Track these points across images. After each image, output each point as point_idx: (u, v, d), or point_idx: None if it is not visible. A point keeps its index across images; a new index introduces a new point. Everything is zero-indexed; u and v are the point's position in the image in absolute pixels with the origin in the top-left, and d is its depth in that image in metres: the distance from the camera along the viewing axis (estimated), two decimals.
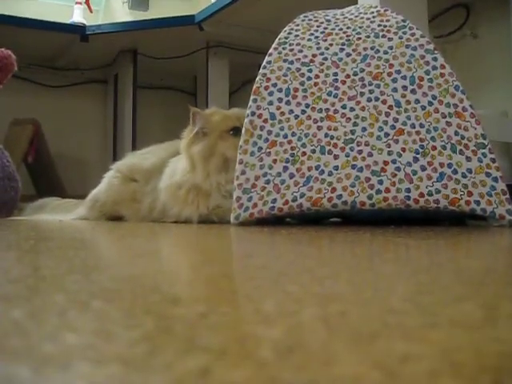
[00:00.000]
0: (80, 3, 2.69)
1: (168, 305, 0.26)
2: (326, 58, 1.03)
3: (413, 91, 0.97)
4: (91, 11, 2.73)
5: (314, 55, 1.04)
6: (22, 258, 0.50)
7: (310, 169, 0.94)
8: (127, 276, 0.37)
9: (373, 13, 1.09)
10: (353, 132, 0.95)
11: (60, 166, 2.53)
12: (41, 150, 2.38)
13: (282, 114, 0.99)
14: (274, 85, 1.01)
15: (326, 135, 0.95)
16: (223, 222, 1.12)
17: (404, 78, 0.98)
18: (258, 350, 0.18)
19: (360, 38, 1.04)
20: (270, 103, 1.00)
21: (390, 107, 0.96)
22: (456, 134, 0.93)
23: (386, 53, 1.01)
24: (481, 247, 0.59)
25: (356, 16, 1.10)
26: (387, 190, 0.90)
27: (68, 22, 2.57)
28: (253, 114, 1.00)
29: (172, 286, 0.34)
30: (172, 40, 2.36)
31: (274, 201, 0.93)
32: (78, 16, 2.65)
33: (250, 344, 0.19)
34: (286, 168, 0.95)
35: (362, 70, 1.00)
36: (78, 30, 2.38)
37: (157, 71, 2.74)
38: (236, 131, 1.16)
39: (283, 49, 1.06)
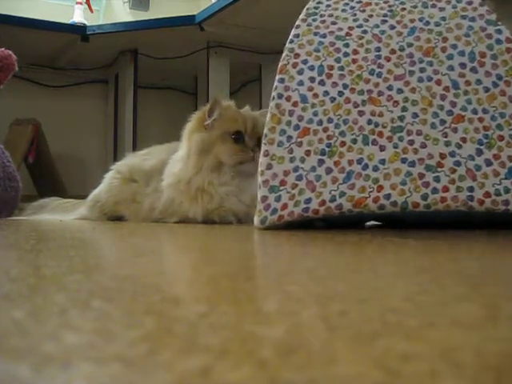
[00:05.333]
0: (81, 3, 2.69)
1: (168, 304, 0.26)
2: (365, 31, 0.88)
3: (473, 70, 0.82)
4: (92, 11, 2.74)
5: (350, 28, 0.89)
6: (22, 257, 0.50)
7: (350, 162, 0.80)
8: (128, 275, 0.37)
9: None
10: (401, 118, 0.81)
11: (60, 166, 2.53)
12: (41, 150, 2.39)
13: (315, 96, 0.84)
14: (304, 61, 0.87)
15: (370, 122, 0.81)
16: (224, 223, 1.12)
17: (462, 53, 0.84)
18: (258, 349, 0.18)
19: (405, 9, 0.89)
20: (301, 83, 0.85)
21: (446, 89, 0.82)
22: None
23: (437, 24, 0.86)
24: (481, 247, 0.59)
25: None
26: (445, 189, 0.77)
27: (69, 21, 2.58)
28: (280, 96, 0.85)
29: (172, 285, 0.34)
30: (173, 40, 2.36)
31: (308, 201, 0.79)
32: (78, 16, 2.66)
33: (250, 344, 0.19)
34: (321, 161, 0.80)
35: (410, 45, 0.85)
36: (78, 30, 2.39)
37: (157, 71, 2.74)
38: (238, 136, 1.15)
39: (313, 20, 0.91)
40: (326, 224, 0.87)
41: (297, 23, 0.92)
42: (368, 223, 0.95)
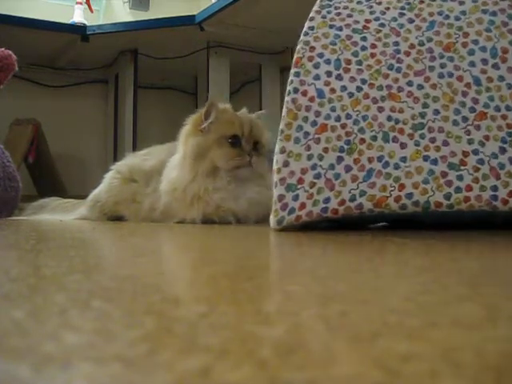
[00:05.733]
0: (81, 3, 2.69)
1: (168, 304, 0.26)
2: (383, 25, 0.86)
3: (495, 66, 0.80)
4: (92, 11, 2.74)
5: (367, 21, 0.86)
6: (22, 257, 0.50)
7: (370, 160, 0.76)
8: (128, 275, 0.37)
9: None
10: (423, 115, 0.78)
11: (60, 166, 2.53)
12: (41, 150, 2.39)
13: (333, 91, 0.81)
14: (320, 55, 0.84)
15: (390, 118, 0.79)
16: (224, 223, 1.12)
17: (483, 49, 0.81)
18: (258, 349, 0.18)
19: (423, 2, 0.87)
20: (317, 77, 0.82)
21: (468, 85, 0.79)
22: None
23: (457, 19, 0.84)
24: (481, 247, 0.59)
25: None
26: (469, 188, 0.73)
27: (69, 21, 2.57)
28: (296, 90, 0.82)
29: (172, 285, 0.34)
30: (173, 40, 2.36)
31: (327, 200, 0.76)
32: (78, 16, 2.65)
33: (250, 344, 0.19)
34: (340, 159, 0.77)
35: (430, 40, 0.83)
36: (78, 30, 2.38)
37: (157, 71, 2.74)
38: (235, 140, 1.15)
39: (328, 12, 0.88)
40: (329, 224, 0.84)
41: (311, 15, 0.89)
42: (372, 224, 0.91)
